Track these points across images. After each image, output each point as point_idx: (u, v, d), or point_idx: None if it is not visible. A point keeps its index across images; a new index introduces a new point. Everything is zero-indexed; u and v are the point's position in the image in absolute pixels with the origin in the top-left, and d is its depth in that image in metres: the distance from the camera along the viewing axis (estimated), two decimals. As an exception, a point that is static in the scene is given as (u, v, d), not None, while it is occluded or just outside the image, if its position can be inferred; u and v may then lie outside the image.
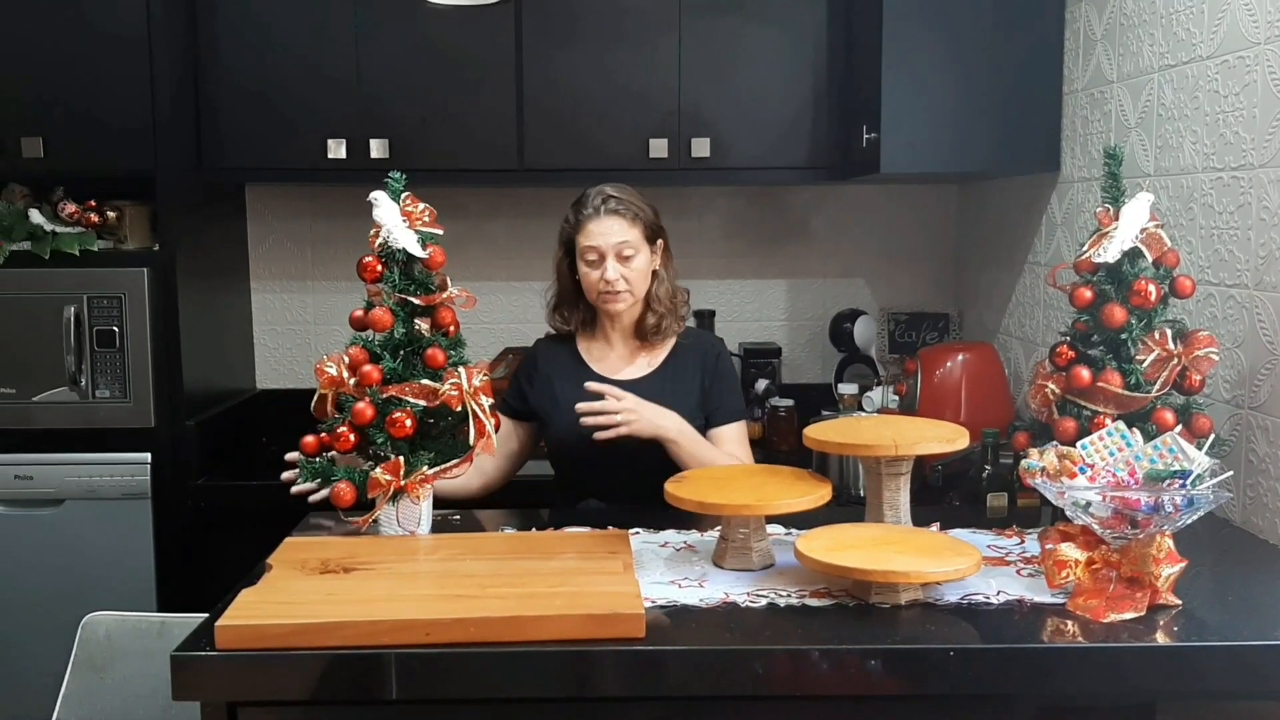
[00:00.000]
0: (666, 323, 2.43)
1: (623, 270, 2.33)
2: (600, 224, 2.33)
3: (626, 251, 2.33)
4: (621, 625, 1.59)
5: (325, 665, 1.56)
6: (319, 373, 2.02)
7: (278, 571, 1.81)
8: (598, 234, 2.33)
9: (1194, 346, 1.95)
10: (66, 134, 2.96)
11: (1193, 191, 2.31)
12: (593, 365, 2.43)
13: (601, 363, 2.44)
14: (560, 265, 2.45)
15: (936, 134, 2.87)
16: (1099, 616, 1.66)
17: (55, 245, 2.95)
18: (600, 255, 2.33)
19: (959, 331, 3.63)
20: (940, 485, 2.62)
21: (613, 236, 2.33)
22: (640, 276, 2.37)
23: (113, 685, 2.14)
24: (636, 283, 2.36)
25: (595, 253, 2.34)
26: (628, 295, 2.36)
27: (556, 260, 2.46)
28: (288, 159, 3.18)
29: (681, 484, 1.94)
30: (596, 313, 2.45)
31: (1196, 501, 1.65)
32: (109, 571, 2.98)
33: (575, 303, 2.45)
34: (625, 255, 2.33)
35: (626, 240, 2.33)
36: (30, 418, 2.98)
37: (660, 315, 2.42)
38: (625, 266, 2.34)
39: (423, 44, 3.15)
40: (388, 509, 2.01)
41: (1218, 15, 2.22)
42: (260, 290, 3.65)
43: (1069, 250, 2.84)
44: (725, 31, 3.18)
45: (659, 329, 2.42)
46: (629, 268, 2.34)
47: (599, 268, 2.34)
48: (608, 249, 2.32)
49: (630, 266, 2.34)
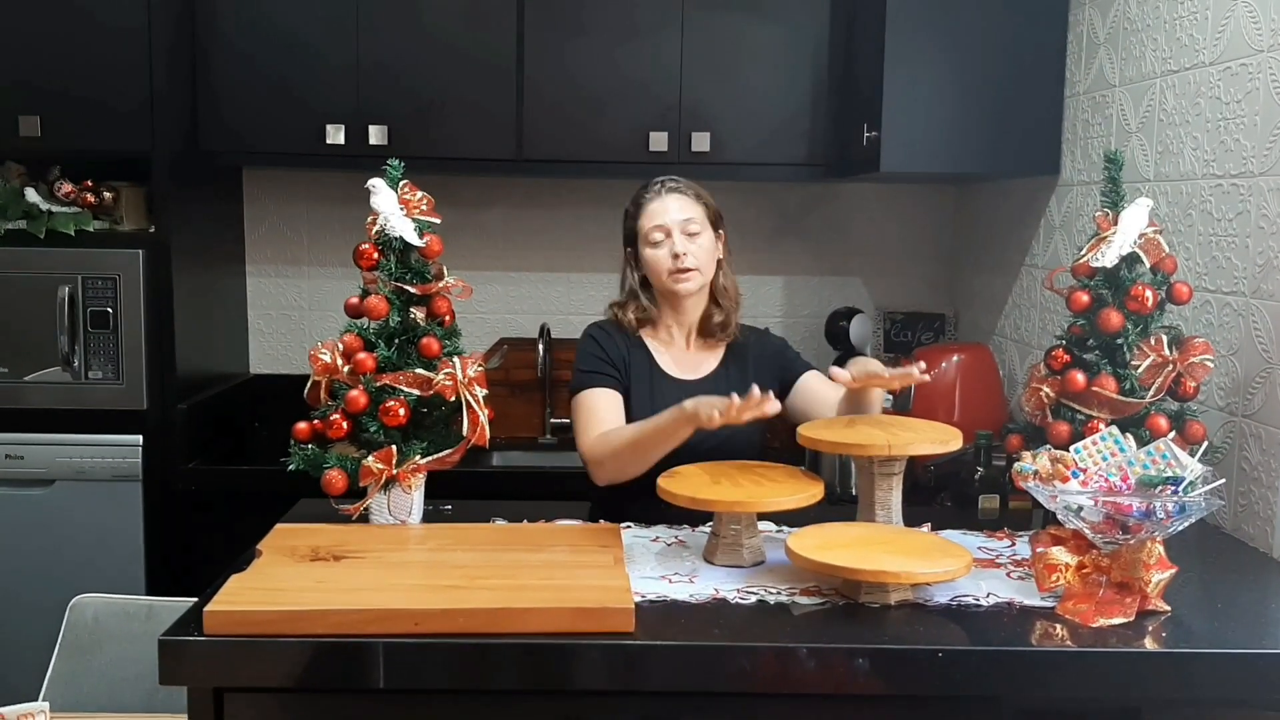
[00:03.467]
0: (734, 319, 2.38)
1: (690, 246, 2.27)
2: (663, 201, 2.29)
3: (692, 228, 2.28)
4: (611, 619, 1.59)
5: (313, 653, 1.56)
6: (313, 359, 2.02)
7: (267, 558, 1.81)
8: (661, 211, 2.28)
9: (1189, 353, 1.96)
10: (64, 114, 2.95)
11: (1192, 198, 2.31)
12: (661, 363, 2.35)
13: (669, 361, 2.36)
14: (626, 264, 2.39)
15: (937, 134, 2.87)
16: (1088, 621, 1.66)
17: (50, 225, 2.93)
18: (666, 232, 2.27)
19: (954, 332, 3.63)
20: (932, 485, 2.62)
21: (677, 213, 2.28)
22: (708, 256, 2.30)
23: (100, 667, 2.14)
24: (705, 261, 2.30)
25: (661, 230, 2.27)
26: (697, 274, 2.28)
27: (622, 263, 2.40)
28: (285, 143, 3.17)
29: (674, 479, 1.93)
30: (662, 311, 2.37)
31: (1188, 508, 1.66)
32: (98, 553, 2.97)
33: (641, 301, 2.36)
34: (691, 232, 2.28)
35: (691, 217, 2.28)
36: (22, 397, 2.98)
37: (727, 311, 2.36)
38: (692, 242, 2.27)
39: (424, 31, 3.14)
40: (379, 497, 2.01)
41: (1221, 21, 2.22)
42: (255, 274, 3.63)
43: (1066, 253, 2.83)
44: (728, 27, 3.17)
45: (726, 325, 2.36)
46: (695, 244, 2.28)
47: (665, 245, 2.27)
48: (673, 225, 2.27)
49: (696, 243, 2.28)
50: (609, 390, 2.28)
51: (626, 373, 2.32)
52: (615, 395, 2.29)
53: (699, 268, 2.28)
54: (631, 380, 2.31)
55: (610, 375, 2.30)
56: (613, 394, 2.28)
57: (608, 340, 2.34)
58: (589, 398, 2.28)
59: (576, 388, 2.31)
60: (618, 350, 2.33)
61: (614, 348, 2.33)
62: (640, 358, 2.34)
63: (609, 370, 2.30)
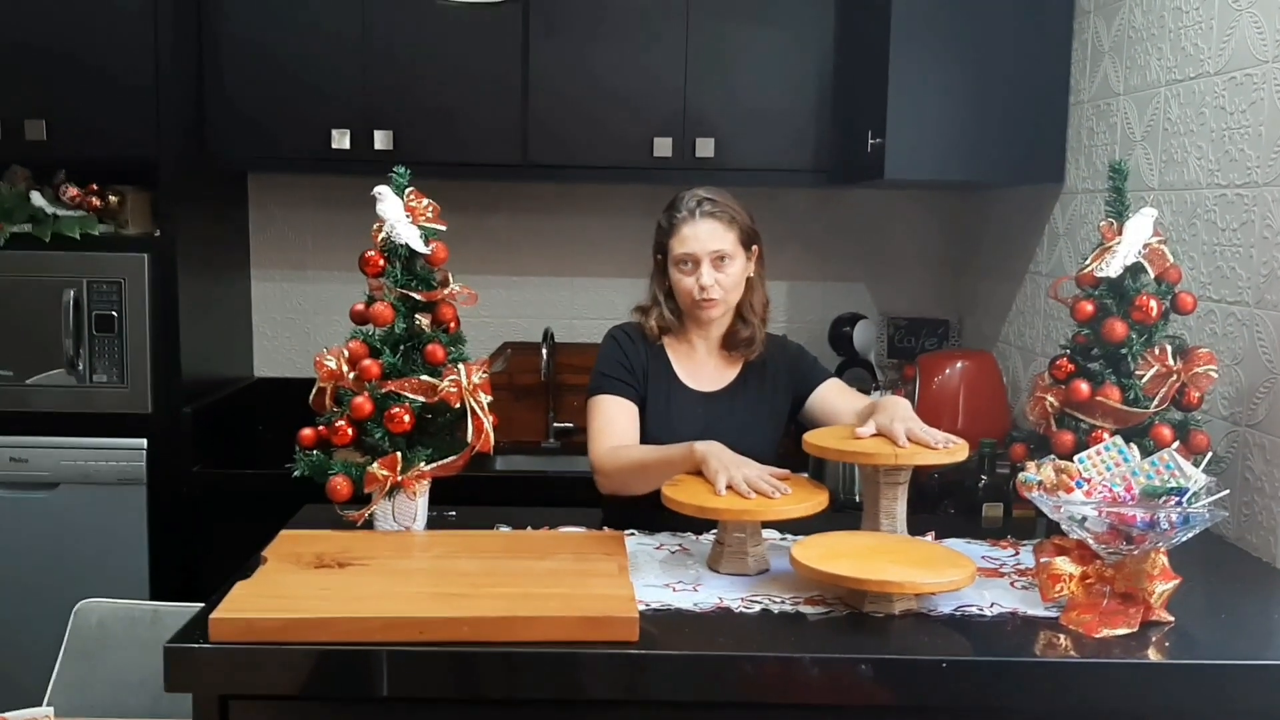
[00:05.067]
0: (761, 336, 2.34)
1: (718, 277, 2.22)
2: (695, 228, 2.22)
3: (722, 258, 2.24)
4: (615, 628, 1.59)
5: (318, 661, 1.56)
6: (318, 366, 2.02)
7: (272, 565, 1.81)
8: (692, 239, 2.22)
9: (1194, 363, 1.96)
10: (69, 117, 2.96)
11: (1196, 207, 2.31)
12: (681, 375, 2.33)
13: (687, 372, 2.34)
14: (655, 270, 2.35)
15: (941, 141, 2.87)
16: (1092, 631, 1.66)
17: (56, 228, 2.94)
18: (695, 262, 2.22)
19: (958, 339, 3.63)
20: (936, 493, 2.62)
21: (709, 243, 2.22)
22: (735, 284, 2.26)
23: (104, 673, 2.14)
24: (731, 290, 2.25)
25: (690, 259, 2.22)
26: (721, 304, 2.25)
27: (653, 266, 2.36)
28: (291, 148, 3.18)
29: (679, 488, 1.93)
30: (685, 323, 2.34)
31: (1192, 519, 1.66)
32: (102, 557, 2.98)
33: (664, 310, 2.34)
34: (720, 261, 2.24)
35: (722, 247, 2.22)
36: (27, 400, 2.98)
37: (753, 328, 2.32)
38: (720, 273, 2.22)
39: (430, 37, 3.14)
40: (384, 504, 2.01)
41: (1226, 31, 2.22)
42: (260, 279, 3.64)
43: (1070, 261, 2.84)
44: (732, 33, 3.18)
45: (751, 342, 2.32)
46: (724, 273, 2.23)
47: (693, 274, 2.23)
48: (703, 255, 2.21)
49: (725, 273, 2.23)
50: (626, 401, 2.27)
51: (645, 380, 2.31)
52: (631, 407, 2.28)
53: (723, 299, 2.25)
54: (649, 388, 2.31)
55: (629, 384, 2.29)
56: (629, 405, 2.27)
57: (630, 346, 2.33)
58: (607, 405, 2.27)
59: (595, 390, 2.30)
60: (639, 357, 2.32)
61: (635, 354, 2.32)
62: (660, 366, 2.33)
63: (628, 379, 2.29)
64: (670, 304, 2.33)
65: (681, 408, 2.28)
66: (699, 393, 2.32)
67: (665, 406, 2.28)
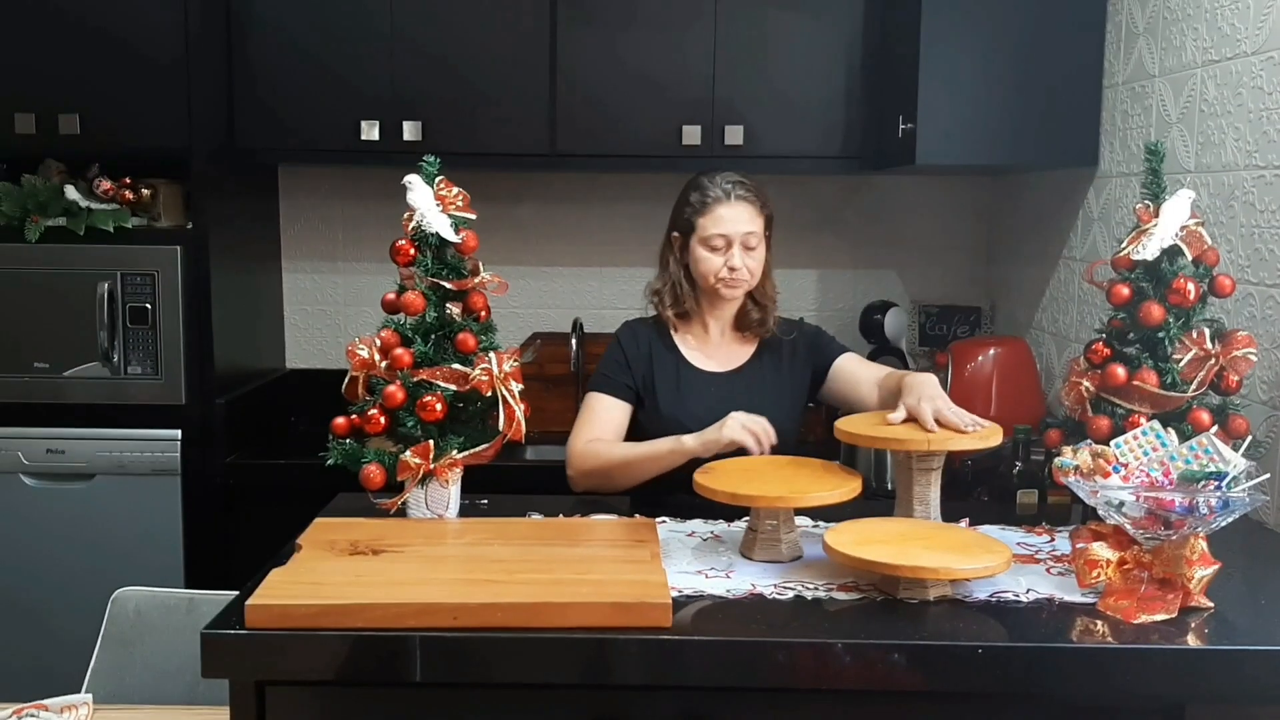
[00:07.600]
0: (771, 317, 2.38)
1: (746, 260, 2.28)
2: (732, 209, 2.27)
3: (752, 242, 2.28)
4: (648, 614, 1.59)
5: (352, 646, 1.57)
6: (350, 355, 2.03)
7: (307, 552, 1.82)
8: (729, 220, 2.26)
9: (1232, 346, 1.93)
10: (102, 111, 2.98)
11: (1234, 189, 2.28)
12: (690, 358, 2.37)
13: (699, 354, 2.38)
14: (668, 250, 2.38)
15: (973, 125, 2.85)
16: (1130, 617, 1.64)
17: (90, 222, 2.97)
18: (727, 243, 2.27)
19: (990, 325, 3.60)
20: (969, 480, 2.60)
21: (743, 225, 2.27)
22: (759, 267, 2.32)
23: (141, 660, 2.16)
24: (756, 272, 2.31)
25: (723, 240, 2.27)
26: (745, 285, 2.31)
27: (663, 245, 2.38)
28: (321, 140, 3.19)
29: (711, 475, 1.93)
30: (699, 302, 2.38)
31: (1232, 504, 1.63)
32: (138, 546, 3.01)
33: (681, 289, 2.37)
34: (750, 246, 2.28)
35: (754, 231, 2.28)
36: (63, 392, 3.02)
37: (765, 309, 2.37)
38: (749, 256, 2.28)
39: (458, 27, 3.15)
40: (416, 492, 2.02)
41: (1264, 11, 2.19)
42: (291, 270, 3.66)
43: (1105, 246, 2.81)
44: (761, 19, 3.16)
45: (764, 323, 2.37)
46: (752, 258, 2.29)
47: (723, 255, 2.27)
48: (735, 236, 2.26)
49: (753, 256, 2.29)
50: (617, 400, 2.32)
51: (648, 375, 2.33)
52: (622, 407, 2.32)
53: (749, 280, 2.31)
54: (657, 376, 2.33)
55: (624, 385, 2.34)
56: (620, 405, 2.32)
57: (633, 345, 2.37)
58: (595, 401, 2.34)
59: (590, 386, 2.37)
60: (642, 355, 2.35)
61: (637, 352, 2.36)
62: (668, 354, 2.36)
63: (625, 380, 2.34)
64: (687, 283, 2.36)
65: (695, 389, 2.31)
66: (711, 373, 2.35)
67: (676, 389, 2.31)
